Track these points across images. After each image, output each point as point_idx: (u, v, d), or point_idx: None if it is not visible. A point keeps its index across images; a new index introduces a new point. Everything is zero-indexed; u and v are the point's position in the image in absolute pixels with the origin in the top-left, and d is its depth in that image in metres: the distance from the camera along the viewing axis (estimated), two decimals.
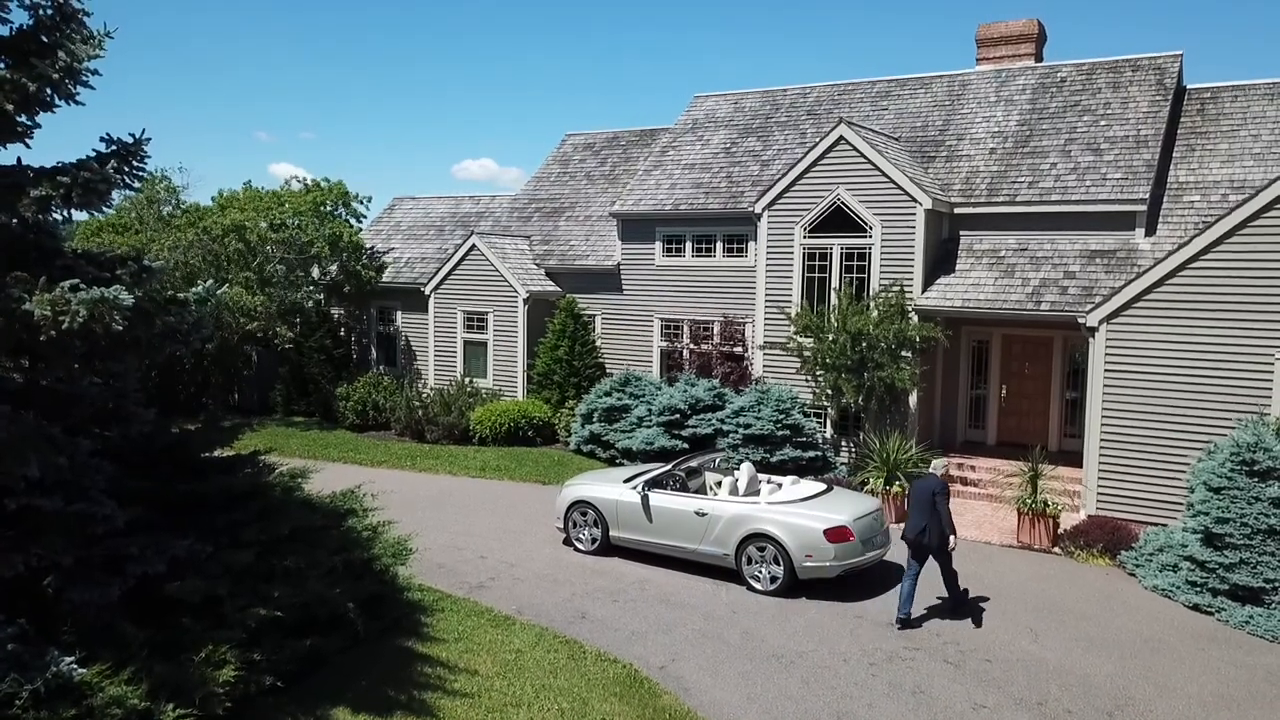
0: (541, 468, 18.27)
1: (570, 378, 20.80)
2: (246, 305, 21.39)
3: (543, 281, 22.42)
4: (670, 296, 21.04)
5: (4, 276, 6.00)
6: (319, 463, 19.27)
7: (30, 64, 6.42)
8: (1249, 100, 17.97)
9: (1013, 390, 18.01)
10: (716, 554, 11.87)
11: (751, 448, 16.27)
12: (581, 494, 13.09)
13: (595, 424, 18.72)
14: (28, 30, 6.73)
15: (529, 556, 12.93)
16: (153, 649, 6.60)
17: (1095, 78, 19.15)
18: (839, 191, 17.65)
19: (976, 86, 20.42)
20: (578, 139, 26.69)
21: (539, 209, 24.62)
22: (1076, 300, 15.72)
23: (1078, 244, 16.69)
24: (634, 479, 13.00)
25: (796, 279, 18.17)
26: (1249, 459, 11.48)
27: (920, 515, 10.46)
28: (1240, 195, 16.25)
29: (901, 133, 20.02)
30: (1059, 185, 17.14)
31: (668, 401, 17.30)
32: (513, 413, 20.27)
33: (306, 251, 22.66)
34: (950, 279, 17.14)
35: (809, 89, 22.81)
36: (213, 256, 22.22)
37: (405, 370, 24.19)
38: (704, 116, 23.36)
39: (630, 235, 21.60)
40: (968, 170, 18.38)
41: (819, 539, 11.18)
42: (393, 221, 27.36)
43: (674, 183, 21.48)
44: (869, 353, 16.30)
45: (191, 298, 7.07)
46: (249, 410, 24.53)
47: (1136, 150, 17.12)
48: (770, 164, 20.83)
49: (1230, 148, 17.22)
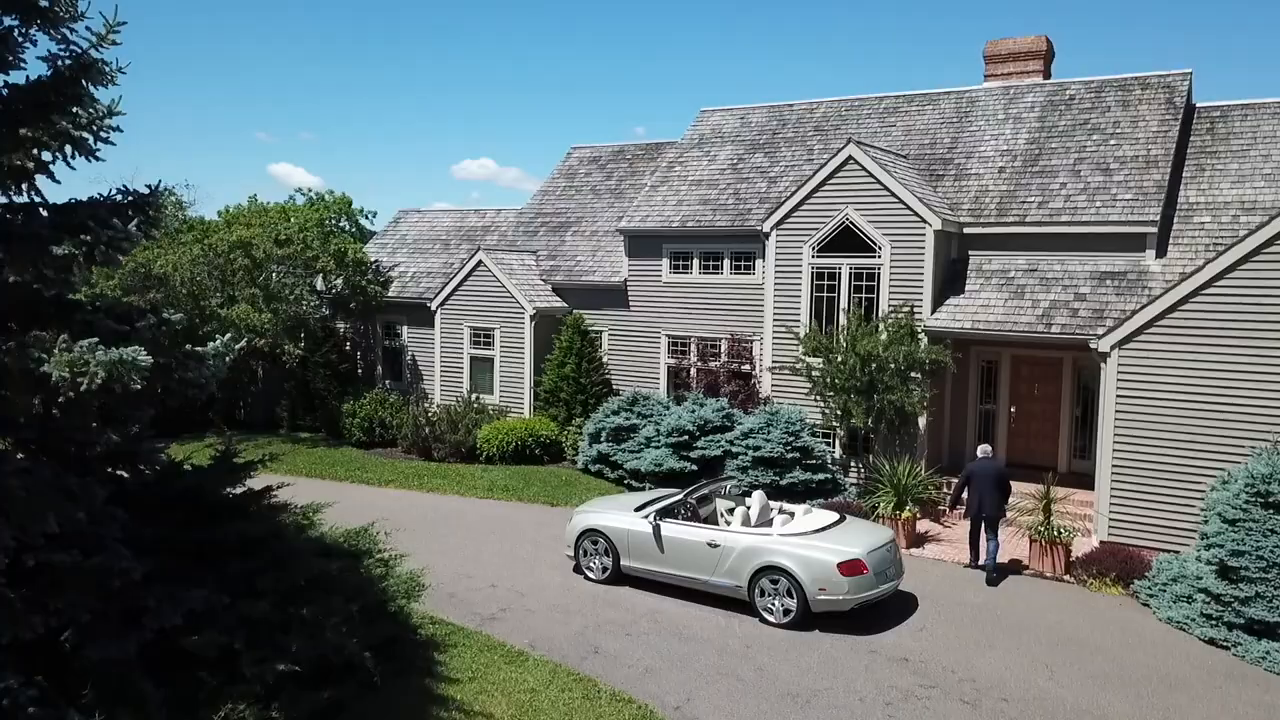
0: (550, 488, 18.23)
1: (577, 395, 20.76)
2: (253, 323, 21.35)
3: (549, 297, 22.38)
4: (677, 313, 21.00)
5: (24, 334, 5.96)
6: (327, 482, 19.29)
7: (50, 120, 6.37)
8: (1259, 119, 17.92)
9: (1022, 411, 17.96)
10: (729, 586, 11.82)
11: (761, 470, 16.22)
12: (592, 523, 13.05)
13: (603, 443, 18.67)
14: (46, 81, 6.68)
15: (540, 585, 12.89)
16: (171, 707, 6.56)
17: (1104, 96, 19.11)
18: (847, 211, 17.61)
19: (985, 103, 20.37)
20: (583, 152, 26.65)
21: (545, 223, 24.58)
22: (1087, 323, 15.67)
23: (1088, 265, 16.64)
24: (645, 507, 12.95)
25: (805, 298, 18.13)
26: (1264, 490, 11.42)
27: (986, 492, 13.14)
28: (1251, 216, 16.22)
29: (910, 150, 19.98)
30: (1069, 205, 17.09)
31: (675, 422, 17.25)
32: (520, 431, 20.23)
33: (312, 267, 22.63)
34: (960, 300, 17.09)
35: (816, 104, 22.77)
36: (219, 271, 22.19)
37: (412, 386, 24.16)
38: (710, 131, 23.32)
39: (637, 251, 21.57)
40: (976, 189, 18.34)
41: (832, 572, 11.13)
42: (398, 235, 27.33)
43: (680, 199, 21.44)
44: (878, 375, 16.26)
45: (210, 353, 7.01)
46: (254, 425, 24.51)
47: (1146, 170, 17.07)
48: (777, 181, 20.79)
49: (1241, 168, 17.17)
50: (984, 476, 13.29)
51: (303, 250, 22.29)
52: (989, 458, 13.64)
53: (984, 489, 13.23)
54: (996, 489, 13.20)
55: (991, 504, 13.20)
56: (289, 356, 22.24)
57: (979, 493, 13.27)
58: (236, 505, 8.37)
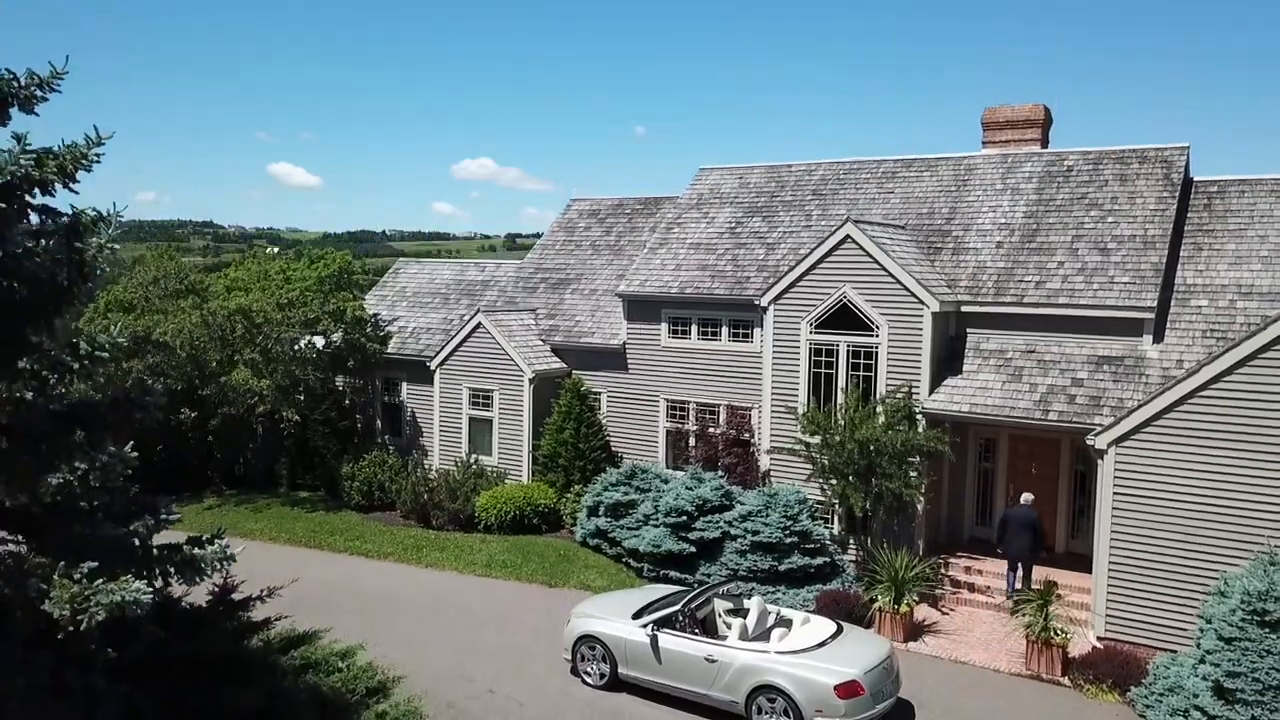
0: (548, 563, 18.25)
1: (576, 460, 20.79)
2: (253, 388, 21.39)
3: (548, 359, 22.41)
4: (676, 378, 21.04)
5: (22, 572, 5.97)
6: (325, 554, 19.35)
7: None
8: (1255, 196, 17.96)
9: (1019, 490, 17.95)
10: (726, 701, 11.85)
11: (759, 555, 16.26)
12: (590, 629, 13.07)
13: (601, 517, 18.70)
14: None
15: (538, 691, 12.90)
16: None
17: (1102, 168, 19.15)
18: (845, 289, 17.65)
19: (983, 171, 20.41)
20: (583, 205, 26.71)
21: (544, 279, 24.63)
22: (1084, 410, 15.71)
23: (1085, 348, 16.68)
24: (643, 613, 12.98)
25: (803, 373, 18.17)
26: (1260, 609, 11.43)
27: (1018, 537, 15.51)
28: (1247, 301, 16.27)
29: (908, 219, 20.02)
30: (1066, 286, 17.13)
31: (674, 502, 17.28)
32: (518, 499, 20.26)
33: (313, 327, 22.67)
34: (957, 380, 17.12)
35: (814, 166, 22.81)
36: (218, 334, 22.23)
37: (411, 444, 24.18)
38: (709, 191, 23.37)
39: (636, 315, 21.61)
40: (974, 265, 18.37)
41: (829, 695, 11.16)
42: (397, 287, 27.38)
43: (679, 263, 21.48)
44: (876, 459, 16.29)
45: (207, 554, 7.04)
46: (253, 481, 24.54)
47: (1144, 252, 17.11)
48: (775, 248, 20.84)
49: (1238, 248, 17.21)
50: (1018, 522, 15.57)
51: (302, 311, 22.32)
52: (1027, 506, 15.75)
53: (1016, 533, 15.56)
54: (1029, 534, 15.49)
55: (1023, 547, 15.53)
56: (287, 423, 22.28)
57: (1012, 535, 15.62)
58: (237, 668, 8.38)
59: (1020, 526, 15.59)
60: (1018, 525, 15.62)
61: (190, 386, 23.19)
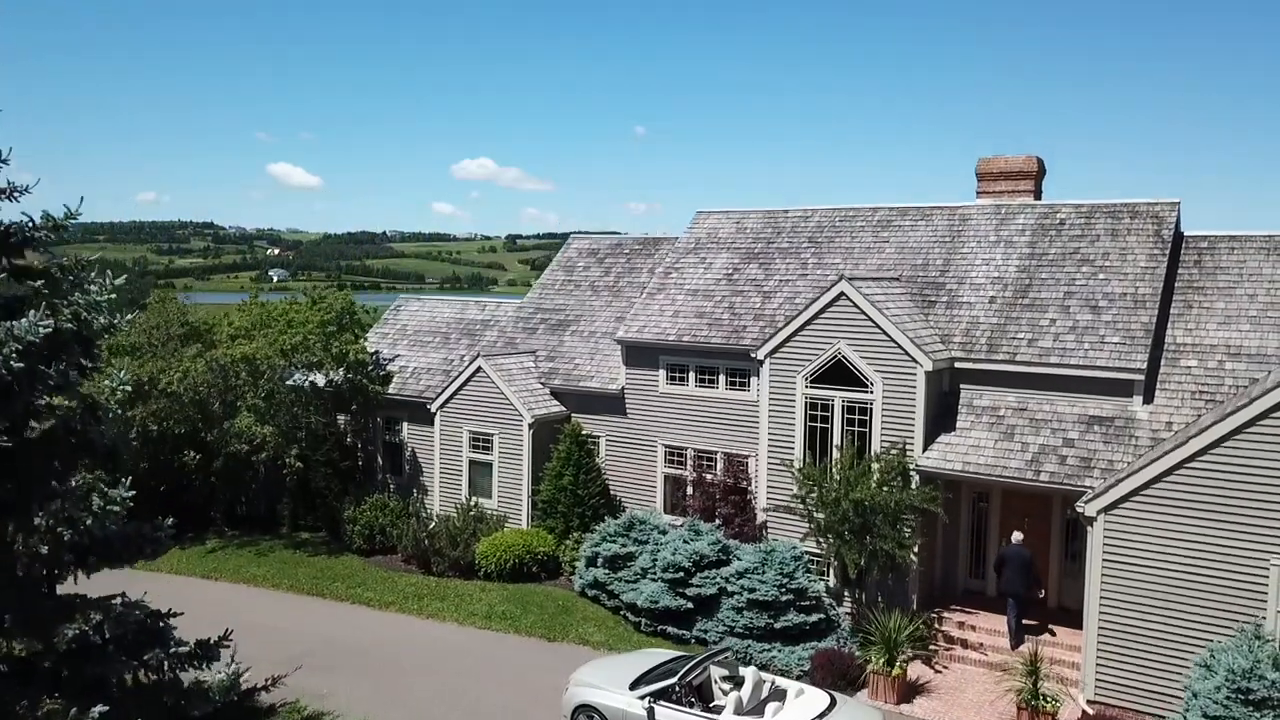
0: (547, 615, 18.49)
1: (575, 507, 21.03)
2: (256, 435, 21.65)
3: (548, 403, 22.66)
4: (674, 423, 21.29)
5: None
6: (327, 602, 19.62)
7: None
8: (1245, 253, 18.20)
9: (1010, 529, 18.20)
10: None
11: (756, 612, 16.51)
12: (587, 698, 13.33)
13: (599, 568, 18.94)
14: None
15: None
16: None
17: (1094, 222, 19.39)
18: (840, 346, 17.91)
19: (977, 222, 20.66)
20: (582, 244, 26.99)
21: (544, 320, 24.88)
22: (1075, 471, 15.97)
23: (1076, 406, 16.93)
24: (640, 681, 13.23)
25: (799, 427, 18.42)
26: (1244, 688, 11.72)
27: (1015, 576, 16.33)
28: (1236, 363, 16.52)
29: (902, 270, 20.27)
30: (1058, 345, 17.38)
31: (671, 557, 17.51)
32: (517, 547, 20.50)
33: (315, 370, 22.93)
34: (951, 438, 17.37)
35: (810, 212, 23.06)
36: (222, 379, 22.49)
37: (412, 482, 24.42)
38: (706, 236, 23.62)
39: (634, 361, 21.87)
40: (968, 320, 18.62)
41: None
42: (398, 325, 27.63)
43: (677, 310, 21.74)
44: (871, 518, 16.54)
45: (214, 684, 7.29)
46: (255, 521, 24.78)
47: (1134, 311, 17.35)
48: (772, 296, 21.10)
49: (1227, 308, 17.44)
50: (1014, 560, 16.46)
51: (305, 355, 22.58)
52: (1019, 545, 16.62)
53: (1012, 570, 16.41)
54: (1023, 571, 16.38)
55: (1018, 582, 16.36)
56: (290, 470, 22.55)
57: (1009, 573, 16.45)
58: None
59: (1016, 563, 16.44)
60: (1014, 563, 16.47)
61: (194, 429, 23.44)
